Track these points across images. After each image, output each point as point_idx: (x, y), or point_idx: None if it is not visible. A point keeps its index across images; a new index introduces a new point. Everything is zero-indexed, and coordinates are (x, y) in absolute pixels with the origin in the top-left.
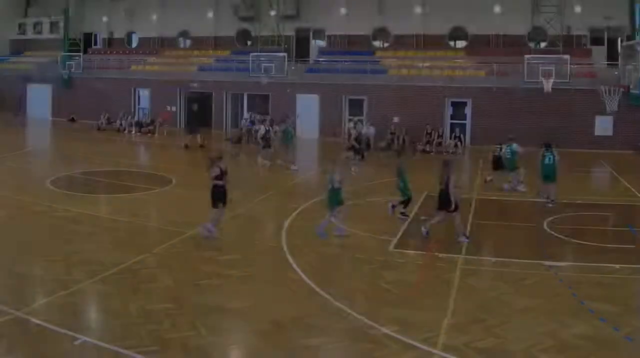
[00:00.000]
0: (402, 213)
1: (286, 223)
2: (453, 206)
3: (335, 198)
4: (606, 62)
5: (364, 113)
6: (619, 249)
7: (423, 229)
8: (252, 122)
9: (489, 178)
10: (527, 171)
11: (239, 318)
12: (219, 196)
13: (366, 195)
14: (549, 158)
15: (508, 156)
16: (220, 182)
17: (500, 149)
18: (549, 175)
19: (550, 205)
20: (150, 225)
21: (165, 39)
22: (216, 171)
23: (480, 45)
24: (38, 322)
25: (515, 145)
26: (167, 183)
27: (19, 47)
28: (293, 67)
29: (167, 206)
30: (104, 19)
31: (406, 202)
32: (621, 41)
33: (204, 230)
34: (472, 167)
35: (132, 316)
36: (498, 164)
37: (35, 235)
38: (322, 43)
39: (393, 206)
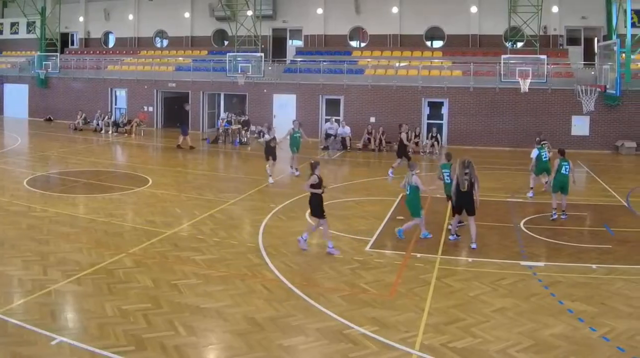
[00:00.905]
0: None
1: (263, 224)
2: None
3: (414, 202)
4: (583, 62)
5: (341, 113)
6: (596, 249)
7: (451, 237)
8: (229, 122)
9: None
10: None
11: (217, 318)
12: (319, 204)
13: (343, 194)
14: (566, 168)
15: (544, 159)
16: (319, 191)
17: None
18: (565, 186)
19: (564, 217)
20: (127, 225)
21: (141, 39)
22: (314, 179)
23: (457, 45)
24: (16, 322)
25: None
26: (144, 184)
27: None
28: (270, 67)
29: (144, 206)
30: (81, 19)
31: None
32: (598, 41)
33: (303, 242)
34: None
35: (108, 316)
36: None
37: (12, 235)
38: (299, 43)
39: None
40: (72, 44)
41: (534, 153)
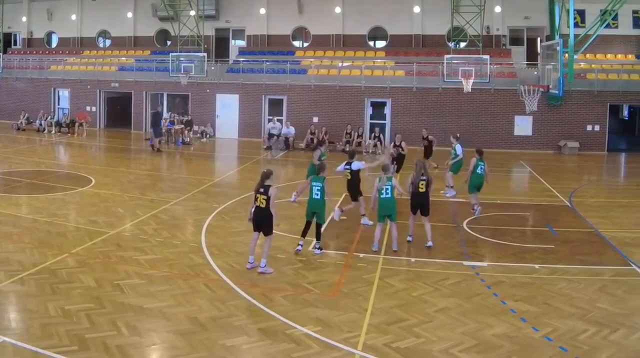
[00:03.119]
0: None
1: (206, 223)
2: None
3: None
4: (526, 62)
5: (284, 113)
6: (538, 249)
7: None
8: (172, 122)
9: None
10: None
11: (160, 318)
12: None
13: (286, 194)
14: (482, 168)
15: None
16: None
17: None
18: (481, 186)
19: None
20: (70, 225)
21: (84, 39)
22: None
23: (400, 45)
24: None
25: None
26: (87, 184)
27: None
28: (213, 67)
29: (87, 206)
30: (24, 19)
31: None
32: (540, 41)
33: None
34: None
35: (51, 316)
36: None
37: None
38: (241, 43)
39: None
40: (15, 44)
41: (459, 149)
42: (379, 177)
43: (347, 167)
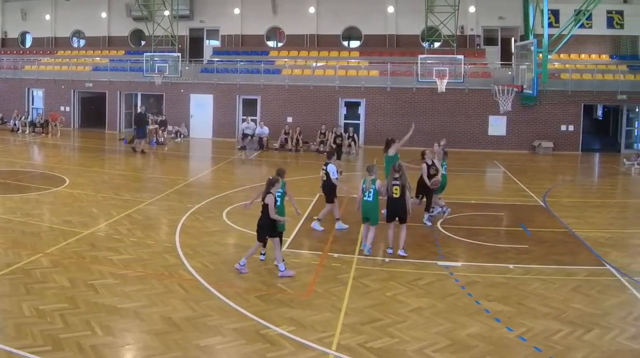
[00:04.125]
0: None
1: (180, 223)
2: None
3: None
4: (500, 62)
5: (258, 113)
6: (512, 249)
7: (401, 252)
8: (147, 122)
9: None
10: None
11: (133, 318)
12: None
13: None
14: (446, 167)
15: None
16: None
17: None
18: (445, 185)
19: (445, 212)
20: (44, 225)
21: (59, 39)
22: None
23: (374, 45)
24: None
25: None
26: (61, 184)
27: None
28: (187, 67)
29: (61, 206)
30: None
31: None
32: (515, 41)
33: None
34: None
35: (25, 316)
36: None
37: None
38: (216, 43)
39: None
40: None
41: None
42: (363, 179)
43: (324, 168)
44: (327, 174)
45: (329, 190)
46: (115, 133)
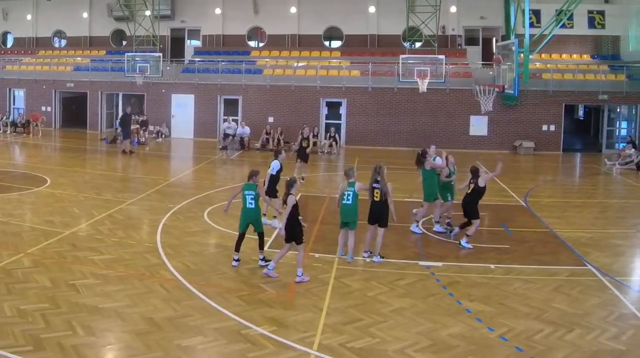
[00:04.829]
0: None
1: (162, 223)
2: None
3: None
4: (481, 62)
5: (239, 113)
6: (494, 249)
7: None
8: (119, 122)
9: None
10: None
11: (115, 318)
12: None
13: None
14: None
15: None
16: None
17: None
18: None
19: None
20: (25, 225)
21: (40, 39)
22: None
23: (355, 45)
24: None
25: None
26: (42, 184)
27: None
28: (168, 67)
29: (43, 206)
30: None
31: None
32: (496, 41)
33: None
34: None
35: (7, 316)
36: None
37: None
38: (197, 43)
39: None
40: None
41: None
42: (343, 182)
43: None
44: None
45: (272, 186)
46: (97, 133)
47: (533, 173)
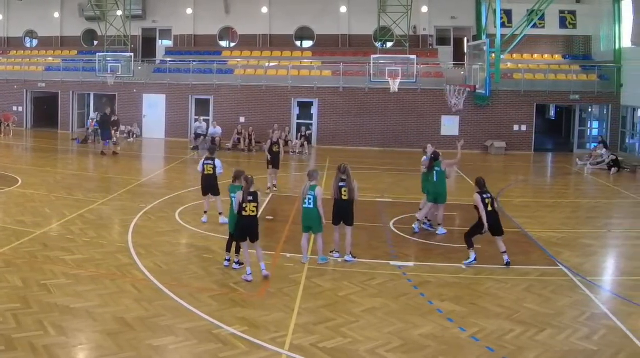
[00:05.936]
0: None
1: (133, 223)
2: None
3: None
4: (452, 62)
5: (211, 113)
6: (465, 249)
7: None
8: (99, 122)
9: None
10: None
11: (86, 318)
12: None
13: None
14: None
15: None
16: None
17: None
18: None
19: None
20: None
21: (11, 39)
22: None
23: (326, 45)
24: None
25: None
26: (13, 184)
27: None
28: (140, 67)
29: (14, 206)
30: None
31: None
32: (467, 41)
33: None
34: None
35: None
36: None
37: None
38: (168, 43)
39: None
40: None
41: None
42: (305, 183)
43: (209, 162)
44: (213, 168)
45: (213, 182)
46: (68, 133)
47: (504, 173)
